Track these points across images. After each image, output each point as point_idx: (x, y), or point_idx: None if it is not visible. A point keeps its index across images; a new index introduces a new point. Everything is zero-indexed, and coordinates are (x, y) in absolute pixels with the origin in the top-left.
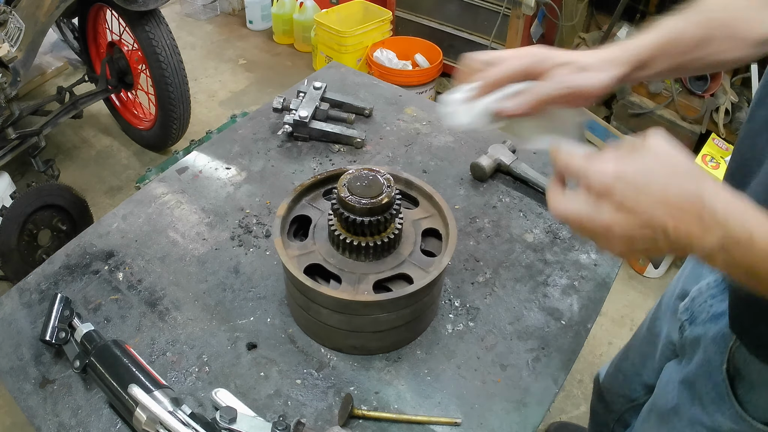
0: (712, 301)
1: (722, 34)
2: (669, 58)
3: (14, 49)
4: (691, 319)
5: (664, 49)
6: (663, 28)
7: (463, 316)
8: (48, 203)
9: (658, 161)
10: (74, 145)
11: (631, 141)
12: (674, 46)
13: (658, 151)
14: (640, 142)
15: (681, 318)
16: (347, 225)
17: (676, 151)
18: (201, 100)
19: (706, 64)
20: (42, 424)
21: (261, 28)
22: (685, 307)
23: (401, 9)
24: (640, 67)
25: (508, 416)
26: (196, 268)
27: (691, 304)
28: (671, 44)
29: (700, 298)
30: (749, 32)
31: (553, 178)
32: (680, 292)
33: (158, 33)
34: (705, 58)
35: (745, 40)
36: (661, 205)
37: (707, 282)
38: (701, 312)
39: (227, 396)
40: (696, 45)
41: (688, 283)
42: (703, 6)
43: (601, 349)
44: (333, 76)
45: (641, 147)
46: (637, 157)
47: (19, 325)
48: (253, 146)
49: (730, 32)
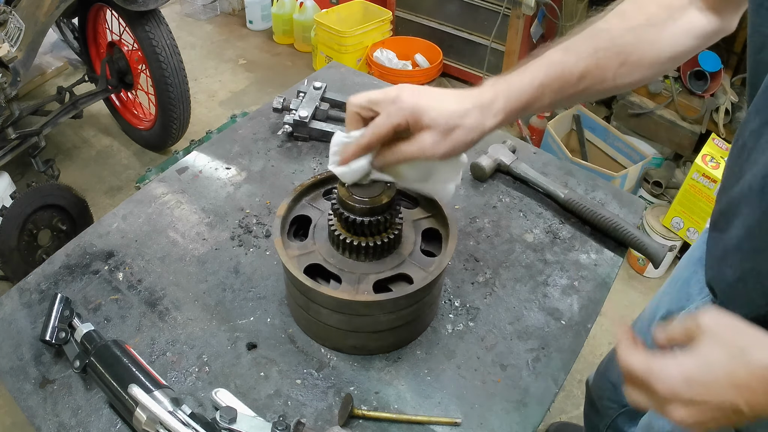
0: None
1: (613, 62)
2: (553, 94)
3: (14, 49)
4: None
5: (548, 86)
6: (546, 64)
7: (463, 316)
8: (48, 203)
9: (719, 348)
10: (74, 145)
11: (685, 325)
12: (558, 82)
13: (716, 336)
14: (694, 327)
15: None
16: (347, 225)
17: (731, 328)
18: (201, 100)
19: (598, 91)
20: (42, 424)
21: (261, 28)
22: None
23: (401, 9)
24: (522, 109)
25: (508, 416)
26: (196, 268)
27: None
28: (556, 80)
29: None
30: (642, 56)
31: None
32: (665, 313)
33: (158, 33)
34: (594, 86)
35: (639, 64)
36: (731, 389)
37: (695, 306)
38: None
39: (227, 396)
40: (581, 77)
41: (672, 303)
42: (593, 32)
43: (601, 349)
44: (333, 76)
45: (698, 334)
46: (698, 351)
47: (19, 325)
48: (253, 146)
49: (621, 59)
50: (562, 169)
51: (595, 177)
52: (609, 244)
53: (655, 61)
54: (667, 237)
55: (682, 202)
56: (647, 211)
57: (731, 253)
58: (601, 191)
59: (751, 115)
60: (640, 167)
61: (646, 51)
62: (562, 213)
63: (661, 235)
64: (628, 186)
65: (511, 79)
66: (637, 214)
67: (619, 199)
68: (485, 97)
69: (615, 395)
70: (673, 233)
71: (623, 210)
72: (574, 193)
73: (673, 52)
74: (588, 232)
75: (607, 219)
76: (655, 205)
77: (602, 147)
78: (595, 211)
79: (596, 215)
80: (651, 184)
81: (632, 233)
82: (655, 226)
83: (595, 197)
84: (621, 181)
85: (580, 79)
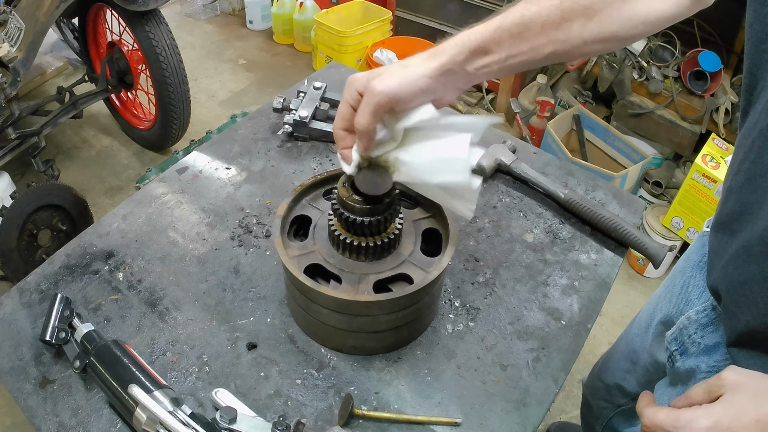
0: (702, 332)
1: (579, 16)
2: (512, 39)
3: (14, 49)
4: (681, 350)
5: (507, 30)
6: (505, 11)
7: (463, 316)
8: (48, 203)
9: (746, 396)
10: (74, 145)
11: (707, 385)
12: (518, 27)
13: (742, 385)
14: (718, 383)
15: (670, 348)
16: (347, 225)
17: (756, 377)
18: (201, 100)
19: (566, 51)
20: (42, 424)
21: (261, 28)
22: (673, 336)
23: (401, 9)
24: (477, 51)
25: (508, 416)
26: (196, 268)
27: (680, 335)
28: (515, 25)
29: (690, 328)
30: (612, 15)
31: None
32: (663, 318)
33: (158, 33)
34: (559, 39)
35: (609, 21)
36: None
37: (696, 311)
38: (692, 344)
39: (227, 396)
40: (544, 25)
41: (671, 307)
42: None
43: (601, 349)
44: (333, 76)
45: (722, 388)
46: (725, 400)
47: (19, 325)
48: (253, 146)
49: (589, 14)
50: (562, 169)
51: (595, 177)
52: (609, 244)
53: (626, 23)
54: (667, 237)
55: (682, 202)
56: (647, 211)
57: (739, 256)
58: (601, 191)
59: (762, 115)
60: (640, 167)
61: (615, 9)
62: (562, 213)
63: (661, 235)
64: (628, 186)
65: (471, 27)
66: (637, 214)
67: (619, 199)
68: (438, 48)
69: (609, 396)
70: (673, 233)
71: (623, 210)
72: (574, 193)
73: (646, 15)
74: (588, 232)
75: (607, 219)
76: (655, 205)
77: (602, 147)
78: (595, 211)
79: (596, 215)
80: (651, 184)
81: (632, 233)
82: (655, 226)
83: (595, 197)
84: (621, 181)
85: (543, 27)
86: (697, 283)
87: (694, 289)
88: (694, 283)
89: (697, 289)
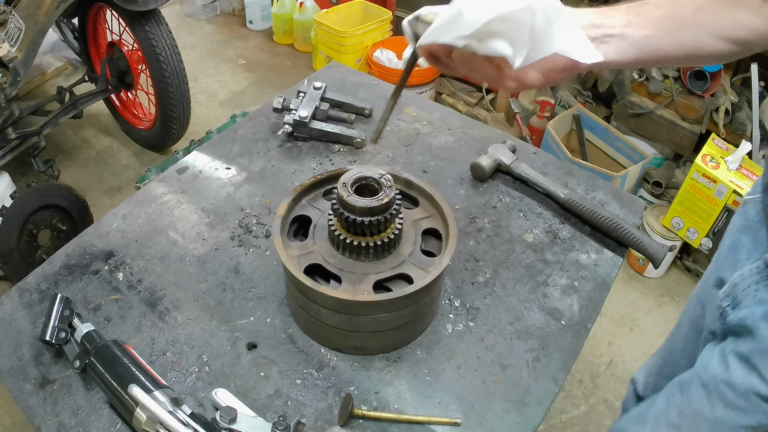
0: (756, 286)
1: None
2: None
3: (14, 49)
4: (734, 304)
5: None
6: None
7: (463, 316)
8: (48, 203)
9: None
10: (74, 145)
11: None
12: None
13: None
14: None
15: (722, 305)
16: (347, 225)
17: None
18: (201, 100)
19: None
20: (42, 424)
21: (261, 28)
22: (726, 293)
23: (401, 9)
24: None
25: (508, 416)
26: (196, 268)
27: (733, 290)
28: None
29: (744, 283)
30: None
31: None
32: (716, 281)
33: (158, 33)
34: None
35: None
36: None
37: (749, 268)
38: (746, 296)
39: (227, 396)
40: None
41: (724, 270)
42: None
43: (601, 349)
44: (333, 76)
45: None
46: None
47: (19, 325)
48: (253, 146)
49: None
50: (562, 169)
51: (595, 177)
52: (609, 244)
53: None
54: (667, 237)
55: (682, 202)
56: (647, 211)
57: None
58: (601, 191)
59: None
60: (640, 167)
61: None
62: (562, 213)
63: (661, 235)
64: (628, 186)
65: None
66: (637, 214)
67: (619, 199)
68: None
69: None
70: (673, 233)
71: (623, 210)
72: (574, 193)
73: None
74: (588, 232)
75: (607, 219)
76: (655, 205)
77: (602, 147)
78: (595, 211)
79: (596, 215)
80: (651, 184)
81: (632, 233)
82: (655, 226)
83: (595, 197)
84: (621, 181)
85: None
86: (745, 245)
87: (743, 250)
88: (741, 245)
89: (745, 250)
